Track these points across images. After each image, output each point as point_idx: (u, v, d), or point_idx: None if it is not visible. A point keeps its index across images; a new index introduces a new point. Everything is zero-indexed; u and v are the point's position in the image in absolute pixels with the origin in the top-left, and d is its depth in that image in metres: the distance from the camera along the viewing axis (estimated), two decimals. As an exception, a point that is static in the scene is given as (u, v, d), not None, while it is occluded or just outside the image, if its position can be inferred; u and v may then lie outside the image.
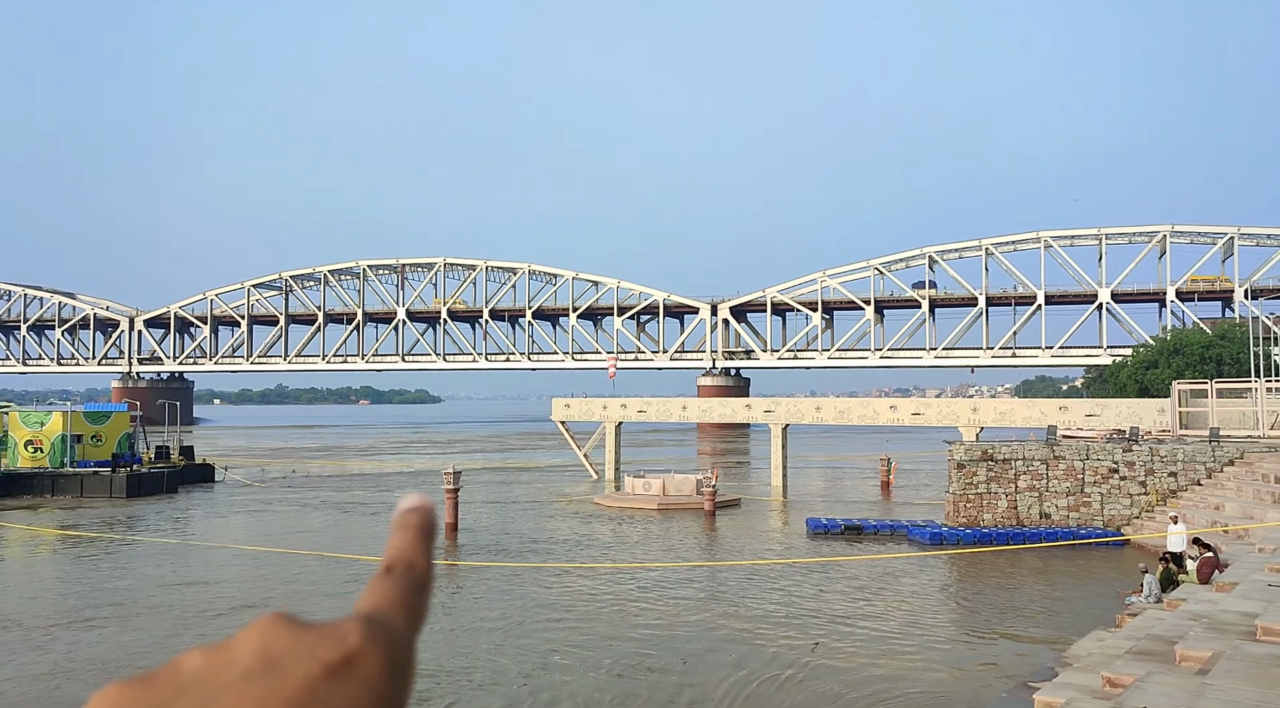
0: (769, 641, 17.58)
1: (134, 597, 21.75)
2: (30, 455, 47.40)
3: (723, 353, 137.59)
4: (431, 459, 71.71)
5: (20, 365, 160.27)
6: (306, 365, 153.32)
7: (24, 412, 49.48)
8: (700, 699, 14.28)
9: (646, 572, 24.71)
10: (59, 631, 18.64)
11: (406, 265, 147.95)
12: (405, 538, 0.69)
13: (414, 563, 0.67)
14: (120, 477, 44.44)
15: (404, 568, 0.67)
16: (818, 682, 15.14)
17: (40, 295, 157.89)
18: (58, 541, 30.85)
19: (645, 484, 40.30)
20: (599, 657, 16.65)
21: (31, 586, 23.41)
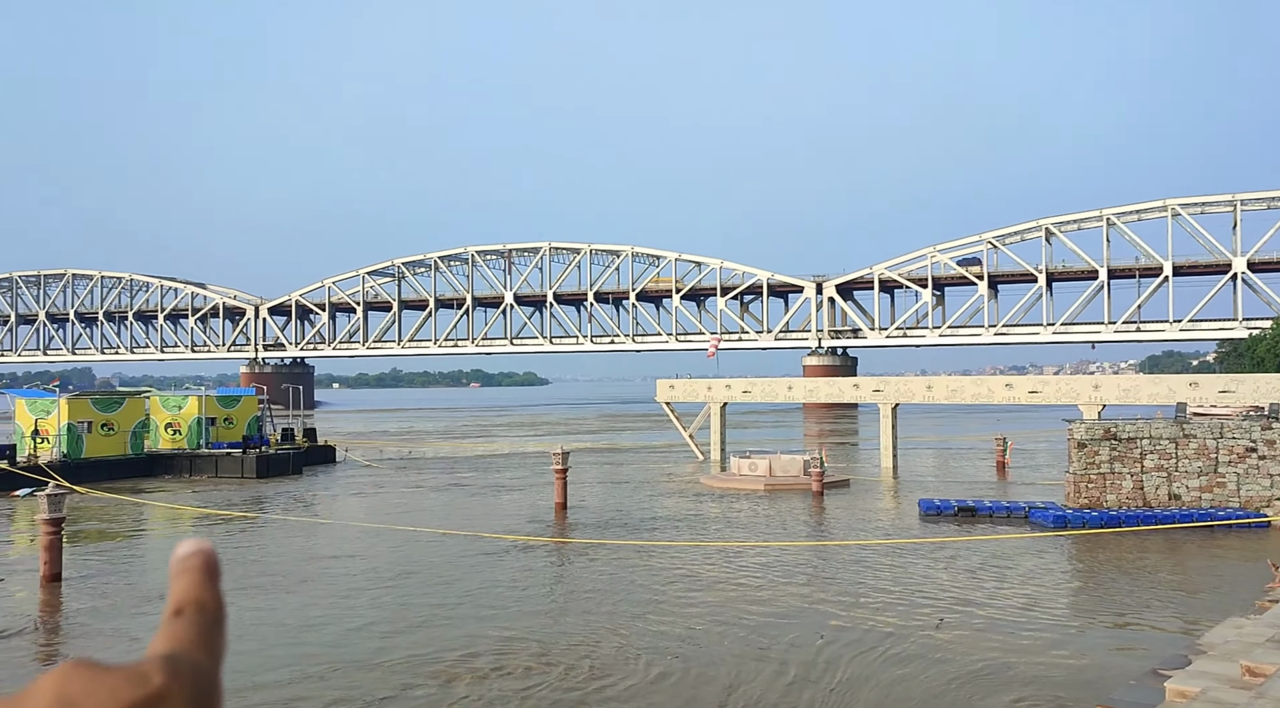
0: (886, 620, 17.33)
1: (286, 569, 22.97)
2: (170, 437, 50.44)
3: (828, 332, 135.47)
4: (540, 440, 73.14)
5: (158, 353, 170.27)
6: (419, 350, 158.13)
7: (164, 396, 52.59)
8: (835, 679, 14.21)
9: (759, 550, 24.67)
10: (232, 596, 19.79)
11: (513, 250, 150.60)
12: (189, 580, 0.68)
13: (203, 603, 0.67)
14: (250, 458, 46.83)
15: (194, 609, 0.66)
16: (939, 665, 14.86)
17: (175, 286, 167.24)
18: (200, 518, 32.77)
19: (751, 465, 40.14)
20: (734, 631, 16.77)
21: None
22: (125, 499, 37.39)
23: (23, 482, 38.98)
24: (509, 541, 26.39)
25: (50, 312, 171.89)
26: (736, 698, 13.53)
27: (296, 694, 13.74)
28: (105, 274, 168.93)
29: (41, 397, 47.00)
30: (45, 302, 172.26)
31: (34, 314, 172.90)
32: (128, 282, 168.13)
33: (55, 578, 21.46)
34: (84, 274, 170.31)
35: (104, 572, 22.97)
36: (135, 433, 47.75)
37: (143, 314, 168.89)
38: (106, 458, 45.41)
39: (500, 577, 21.55)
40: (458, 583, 20.91)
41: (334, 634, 16.90)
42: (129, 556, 25.59)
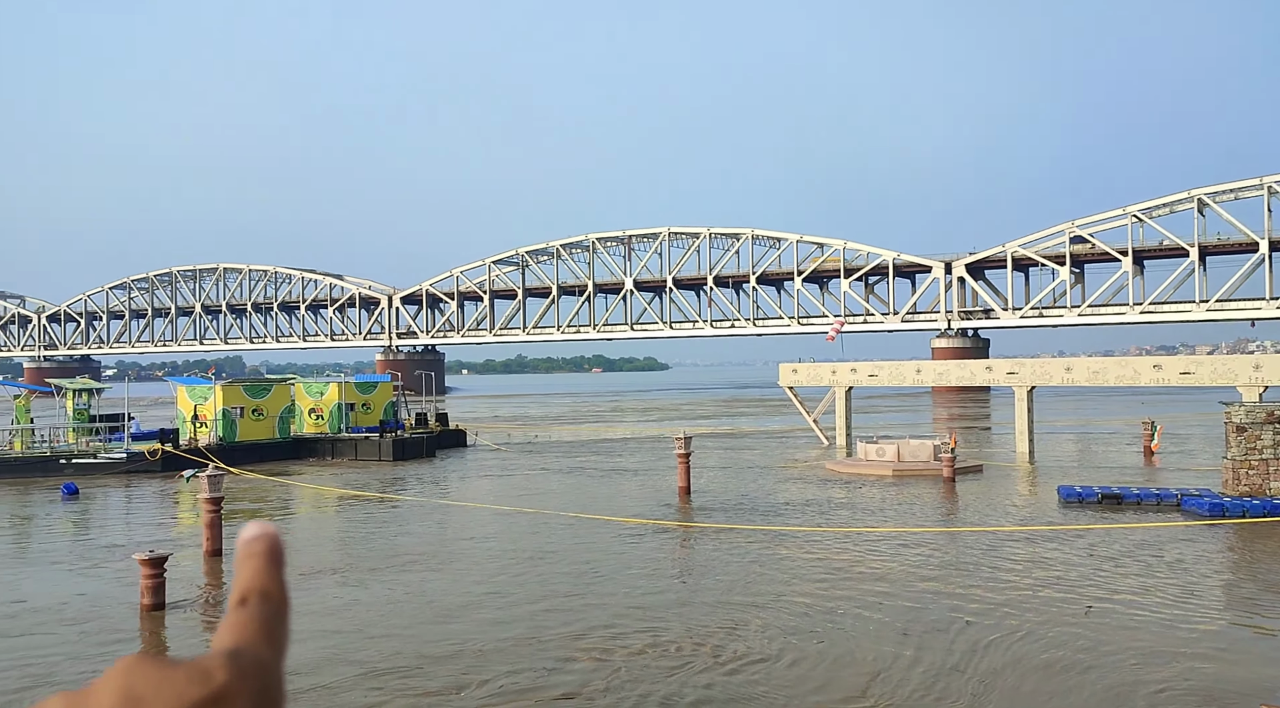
0: (1028, 608, 16.70)
1: (430, 549, 23.95)
2: (313, 422, 53.16)
3: (958, 313, 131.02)
4: (661, 425, 73.57)
5: (300, 341, 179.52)
6: (543, 336, 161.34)
7: (307, 383, 55.42)
8: (979, 666, 13.85)
9: (889, 536, 24.17)
10: (382, 574, 20.86)
11: (633, 236, 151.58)
12: (253, 567, 0.68)
13: (268, 591, 0.66)
14: (387, 441, 48.86)
15: (258, 598, 0.66)
16: (1084, 654, 14.24)
17: (315, 278, 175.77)
18: (343, 498, 34.45)
19: (879, 450, 39.29)
20: (872, 615, 16.58)
21: (331, 537, 26.33)
22: (275, 480, 39.67)
23: (186, 463, 41.84)
24: (639, 524, 26.69)
25: (205, 304, 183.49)
26: (881, 682, 13.33)
27: (469, 667, 14.31)
28: (253, 267, 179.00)
29: (200, 384, 50.29)
30: (200, 295, 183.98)
31: (191, 306, 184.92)
32: (272, 274, 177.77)
33: (216, 553, 22.97)
34: (234, 268, 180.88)
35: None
36: (282, 418, 50.52)
37: (286, 305, 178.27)
38: (257, 441, 48.24)
39: (634, 560, 21.84)
40: (594, 565, 21.32)
41: (487, 612, 17.49)
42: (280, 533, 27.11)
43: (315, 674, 13.99)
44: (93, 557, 23.64)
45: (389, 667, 14.33)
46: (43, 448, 45.01)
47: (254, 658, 0.61)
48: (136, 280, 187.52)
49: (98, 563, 22.79)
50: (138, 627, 16.98)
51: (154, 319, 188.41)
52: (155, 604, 17.59)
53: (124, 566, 21.73)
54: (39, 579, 21.15)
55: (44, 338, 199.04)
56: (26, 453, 43.62)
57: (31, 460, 42.63)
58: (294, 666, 14.29)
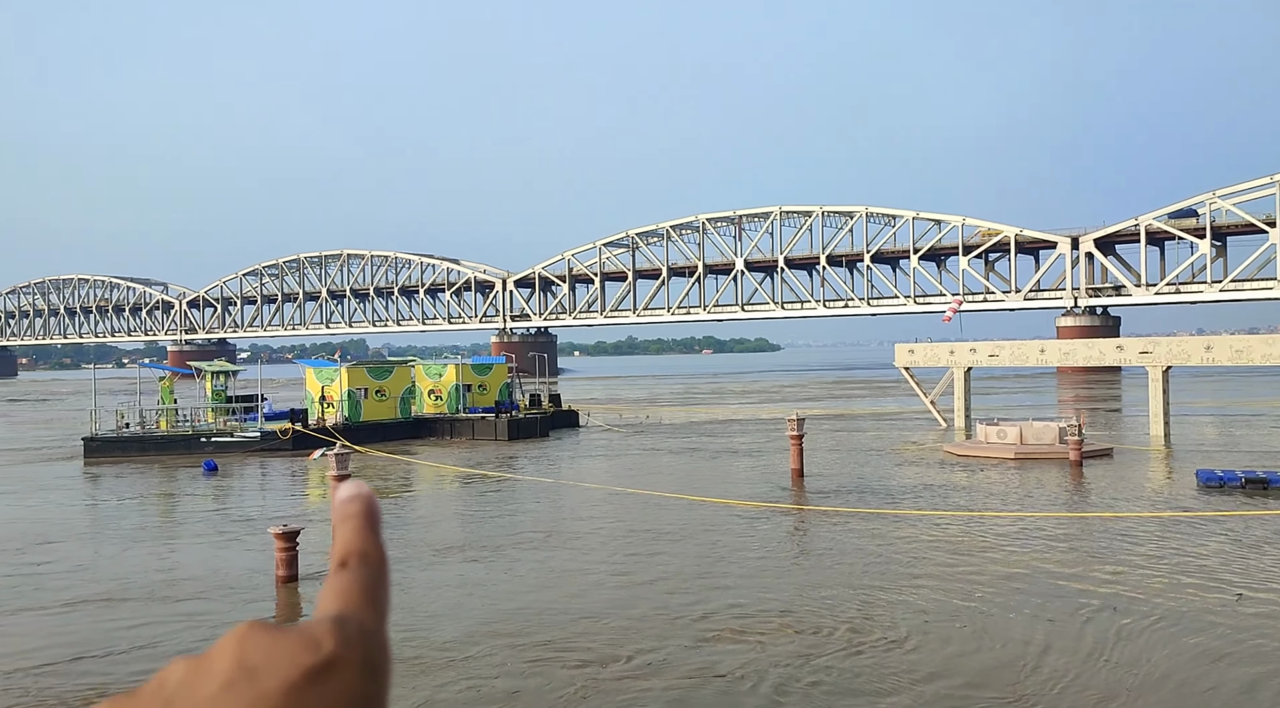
0: (1174, 596, 15.87)
1: (554, 526, 24.49)
2: (432, 402, 54.87)
3: (1086, 290, 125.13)
4: (772, 406, 72.92)
5: (420, 325, 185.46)
6: (653, 318, 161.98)
7: (426, 365, 57.20)
8: (1125, 654, 13.29)
9: (1015, 520, 23.35)
10: (506, 550, 21.48)
11: (743, 216, 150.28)
12: (351, 529, 0.67)
13: (367, 553, 0.66)
14: (503, 421, 50.01)
15: (358, 560, 0.66)
16: (1239, 647, 13.45)
17: (433, 263, 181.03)
18: (463, 476, 35.48)
19: (1000, 432, 37.92)
20: (1012, 601, 16.13)
21: (456, 513, 27.18)
22: (399, 458, 41.16)
23: (315, 442, 43.82)
24: (754, 507, 26.57)
25: (330, 289, 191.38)
26: (1040, 670, 12.93)
27: (610, 641, 14.59)
28: (374, 253, 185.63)
29: (326, 366, 52.51)
30: (326, 280, 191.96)
31: (317, 291, 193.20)
32: (393, 260, 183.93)
33: (343, 527, 24.00)
34: (357, 254, 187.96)
35: (385, 525, 25.40)
36: (403, 399, 52.30)
37: (406, 289, 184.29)
38: (380, 421, 50.10)
39: (753, 541, 21.75)
40: (714, 546, 21.34)
41: (614, 590, 17.75)
42: (402, 510, 28.12)
43: (465, 647, 14.48)
44: (231, 530, 25.05)
45: (533, 640, 14.70)
46: (185, 427, 47.92)
47: (359, 624, 0.62)
48: (268, 267, 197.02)
49: (236, 536, 24.13)
50: (273, 597, 17.90)
51: (284, 304, 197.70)
52: (289, 576, 18.50)
53: (260, 539, 22.95)
54: (185, 551, 22.54)
55: (185, 323, 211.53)
56: (171, 432, 46.52)
57: (175, 439, 45.43)
58: (444, 639, 14.84)
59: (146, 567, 20.61)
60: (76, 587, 18.89)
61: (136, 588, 18.66)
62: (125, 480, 36.00)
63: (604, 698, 12.39)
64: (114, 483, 35.36)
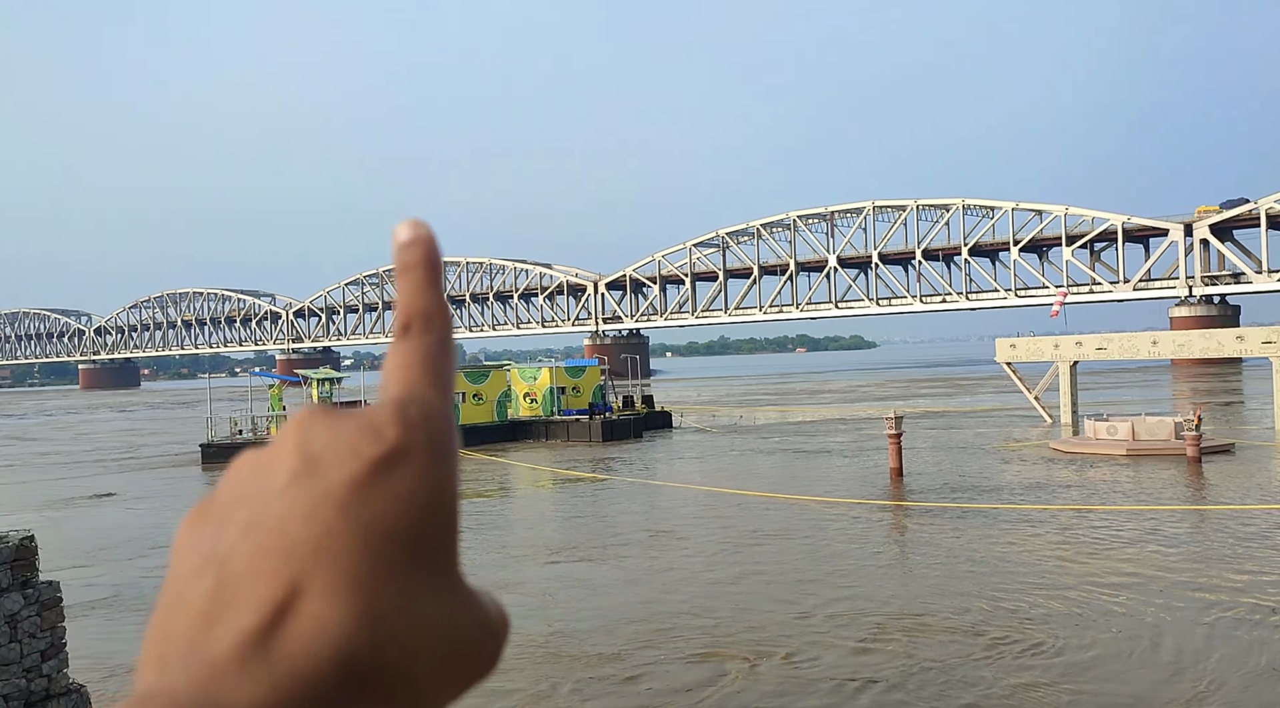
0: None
1: (659, 526, 24.64)
2: (528, 405, 55.74)
3: (1201, 279, 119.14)
4: (871, 404, 71.59)
5: (514, 329, 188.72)
6: (745, 317, 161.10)
7: (521, 368, 58.15)
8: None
9: (1134, 519, 22.38)
10: (616, 550, 21.76)
11: (835, 212, 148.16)
12: (412, 282, 0.58)
13: (430, 315, 0.58)
14: (597, 423, 50.44)
15: (422, 323, 0.58)
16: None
17: (525, 268, 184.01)
18: (561, 479, 35.95)
19: (1110, 428, 36.41)
20: (1161, 601, 15.59)
21: (558, 516, 27.60)
22: (497, 460, 41.94)
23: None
24: (857, 504, 26.16)
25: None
26: (1196, 674, 12.44)
27: (766, 638, 14.65)
28: (469, 260, 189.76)
29: (425, 371, 53.80)
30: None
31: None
32: (487, 265, 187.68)
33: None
34: (452, 261, 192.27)
35: (478, 526, 25.92)
36: (500, 402, 53.26)
37: (500, 294, 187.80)
38: (477, 424, 51.13)
39: (870, 544, 21.40)
40: (827, 548, 21.08)
41: (742, 590, 17.75)
42: (497, 511, 28.67)
43: (615, 643, 14.67)
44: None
45: (668, 634, 14.81)
46: (295, 432, 49.77)
47: (422, 406, 0.55)
48: (368, 276, 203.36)
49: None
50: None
51: (384, 312, 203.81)
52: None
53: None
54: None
55: (291, 332, 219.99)
56: (282, 436, 48.40)
57: (286, 443, 47.24)
58: (601, 642, 14.98)
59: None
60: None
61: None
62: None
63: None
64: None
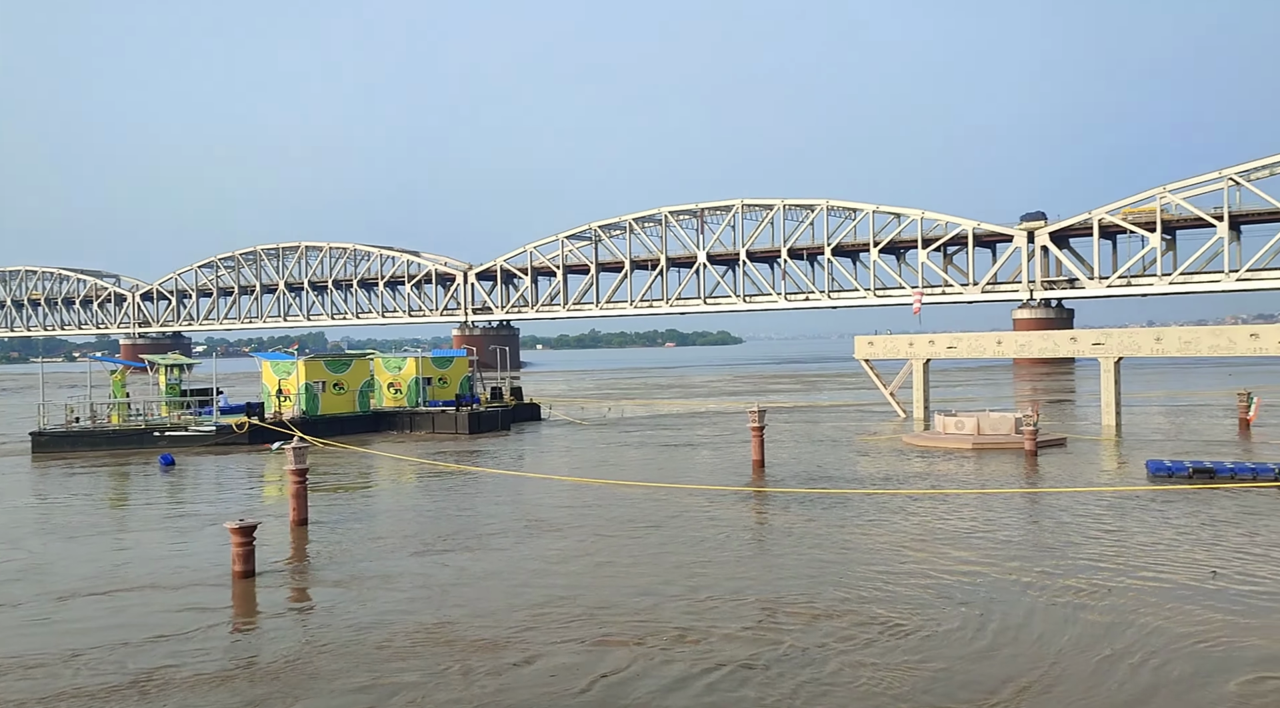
0: (1151, 576, 16.22)
1: (539, 515, 24.35)
2: (392, 396, 54.40)
3: (1041, 283, 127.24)
4: (736, 399, 73.24)
5: (380, 317, 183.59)
6: (616, 311, 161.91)
7: (385, 358, 56.67)
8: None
9: (977, 508, 23.68)
10: (494, 540, 21.33)
11: (705, 209, 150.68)
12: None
13: None
14: (463, 415, 49.71)
15: None
16: (1168, 638, 13.77)
17: (393, 255, 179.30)
18: (424, 471, 35.20)
19: (958, 423, 38.50)
20: (1014, 582, 16.30)
21: (428, 508, 26.96)
22: (358, 450, 40.73)
23: (272, 436, 43.22)
24: (726, 496, 26.67)
25: (288, 281, 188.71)
26: (1026, 649, 13.11)
27: (641, 621, 14.52)
28: (333, 245, 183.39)
29: (283, 359, 51.79)
30: (284, 272, 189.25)
31: (275, 284, 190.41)
32: (352, 251, 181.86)
33: (303, 522, 23.72)
34: (315, 245, 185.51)
35: (340, 518, 25.13)
36: (362, 392, 51.76)
37: (365, 282, 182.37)
38: (338, 415, 49.54)
39: (733, 532, 21.77)
40: (692, 535, 21.32)
41: (617, 576, 17.68)
42: (360, 503, 27.86)
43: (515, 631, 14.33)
44: (187, 525, 24.64)
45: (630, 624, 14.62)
46: (137, 421, 47.02)
47: None
48: (224, 259, 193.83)
49: (192, 531, 23.74)
50: (229, 592, 17.64)
51: (240, 296, 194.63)
52: (246, 571, 18.24)
53: (216, 533, 22.59)
54: (140, 546, 22.13)
55: (138, 316, 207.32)
56: (123, 426, 45.63)
57: (128, 433, 44.57)
58: (488, 629, 14.65)
59: (98, 562, 20.20)
60: (21, 583, 18.47)
61: (88, 583, 18.29)
62: (75, 477, 35.24)
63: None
64: (63, 479, 34.60)
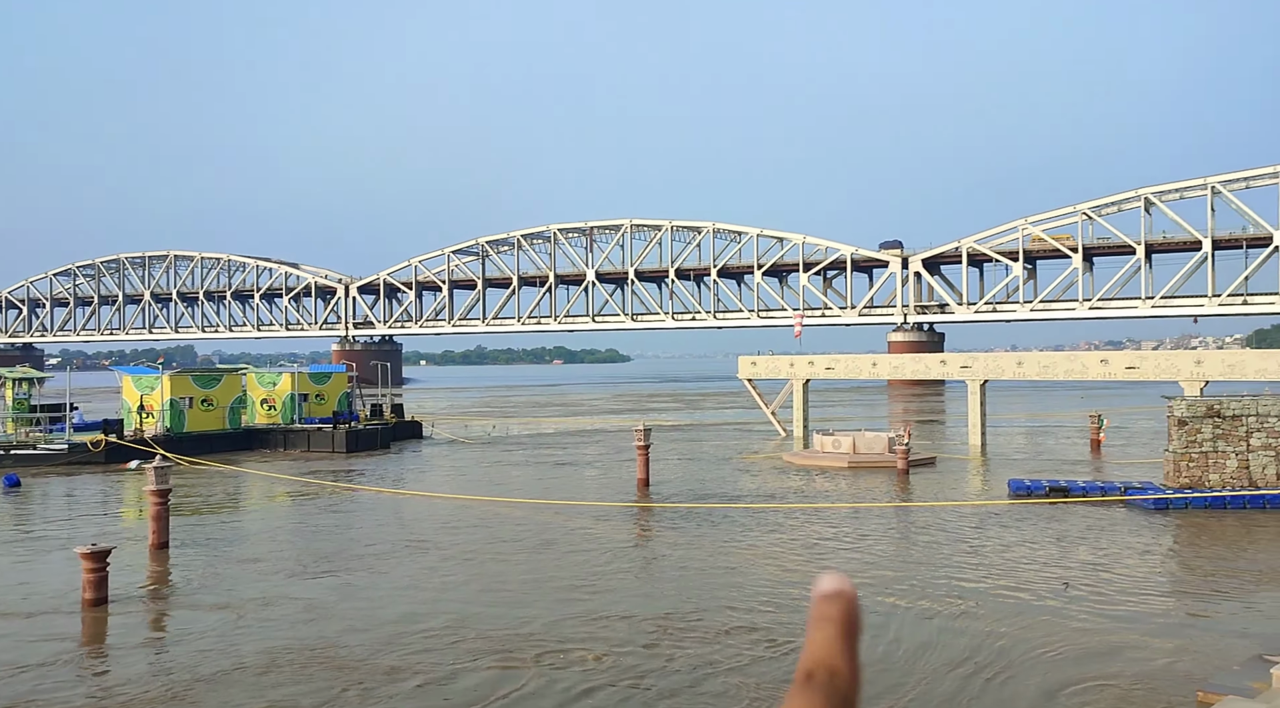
0: (1007, 589, 16.96)
1: (419, 535, 23.64)
2: (265, 413, 52.36)
3: (914, 307, 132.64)
4: (621, 417, 73.54)
5: (255, 331, 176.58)
6: (503, 327, 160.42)
7: (259, 373, 54.56)
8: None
9: (850, 524, 24.39)
10: (375, 561, 20.56)
11: (595, 228, 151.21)
12: (825, 636, 0.60)
13: (836, 669, 0.58)
14: (340, 433, 48.25)
15: (826, 675, 0.58)
16: (1024, 641, 14.48)
17: (270, 266, 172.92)
18: (296, 491, 33.94)
19: (835, 442, 39.64)
20: (885, 593, 16.66)
21: (302, 529, 25.92)
22: (225, 468, 38.98)
23: (131, 454, 40.95)
24: (612, 514, 26.63)
25: (155, 292, 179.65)
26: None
27: (542, 639, 14.14)
28: (205, 255, 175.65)
29: (146, 373, 49.22)
30: (150, 282, 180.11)
31: (140, 294, 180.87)
32: (225, 262, 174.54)
33: (163, 546, 22.52)
34: (185, 255, 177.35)
35: (207, 540, 23.99)
36: (233, 409, 49.66)
37: (240, 294, 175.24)
38: (206, 432, 47.36)
39: (617, 551, 21.75)
40: (577, 555, 21.21)
41: (504, 596, 17.32)
42: (228, 525, 26.67)
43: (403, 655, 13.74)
44: (34, 550, 23.06)
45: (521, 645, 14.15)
46: (-19, 439, 43.81)
47: None
48: (83, 267, 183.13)
49: (39, 556, 22.22)
50: (79, 622, 16.58)
51: (100, 307, 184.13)
52: (97, 599, 17.19)
53: (66, 559, 21.22)
54: (-24, 573, 20.56)
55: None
56: (-35, 444, 42.41)
57: (-30, 451, 41.46)
58: (373, 649, 14.02)
59: (-71, 593, 18.66)
60: None
61: (-85, 617, 16.87)
62: (-93, 498, 32.52)
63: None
64: (-107, 501, 31.88)
